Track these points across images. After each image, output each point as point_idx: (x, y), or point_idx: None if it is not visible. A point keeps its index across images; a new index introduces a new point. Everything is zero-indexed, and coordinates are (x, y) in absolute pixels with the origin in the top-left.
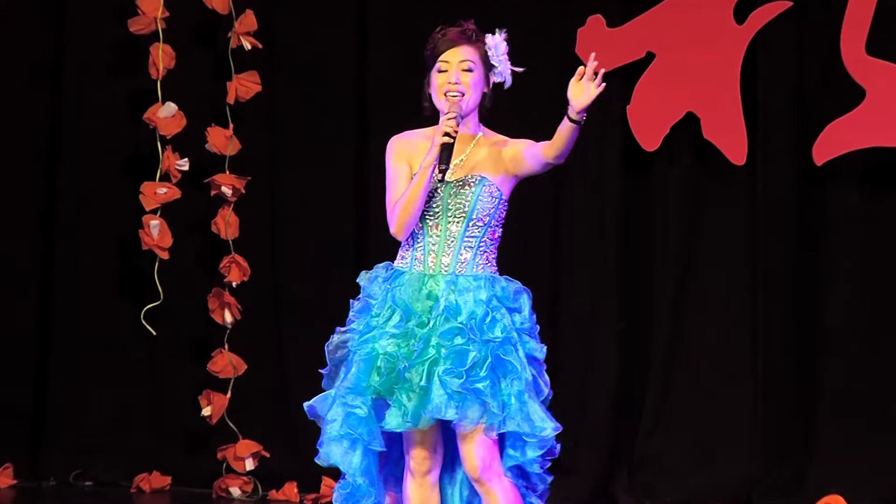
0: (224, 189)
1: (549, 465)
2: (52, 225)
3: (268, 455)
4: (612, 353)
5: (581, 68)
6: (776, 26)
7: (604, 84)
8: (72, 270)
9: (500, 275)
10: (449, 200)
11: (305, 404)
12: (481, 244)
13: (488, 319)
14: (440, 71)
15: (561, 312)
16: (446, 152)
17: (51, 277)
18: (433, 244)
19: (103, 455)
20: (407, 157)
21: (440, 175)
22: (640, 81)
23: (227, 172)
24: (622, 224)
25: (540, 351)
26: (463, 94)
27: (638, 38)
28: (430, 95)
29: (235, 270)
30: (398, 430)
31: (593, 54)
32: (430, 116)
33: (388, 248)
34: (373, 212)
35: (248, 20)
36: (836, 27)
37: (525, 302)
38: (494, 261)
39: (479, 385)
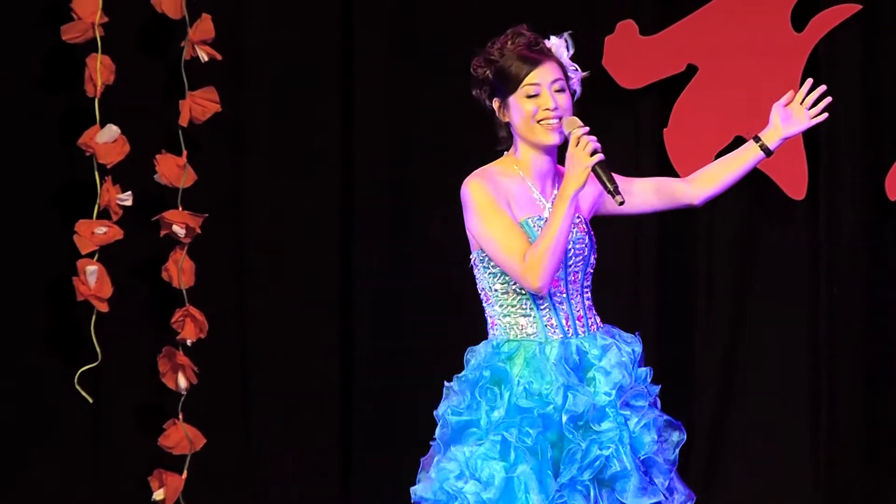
0: (176, 228)
1: None
2: None
3: None
4: None
5: (791, 93)
6: (842, 33)
7: (826, 115)
8: None
9: None
10: (569, 247)
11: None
12: (591, 293)
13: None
14: (529, 96)
15: None
16: (606, 173)
17: None
18: (560, 303)
19: None
20: (504, 201)
21: (621, 199)
22: (679, 99)
23: (180, 208)
24: (659, 268)
25: None
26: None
27: (677, 47)
28: (505, 124)
29: (190, 326)
30: None
31: (810, 80)
32: (502, 151)
33: (378, 298)
34: (359, 255)
35: (205, 27)
36: None
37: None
38: None
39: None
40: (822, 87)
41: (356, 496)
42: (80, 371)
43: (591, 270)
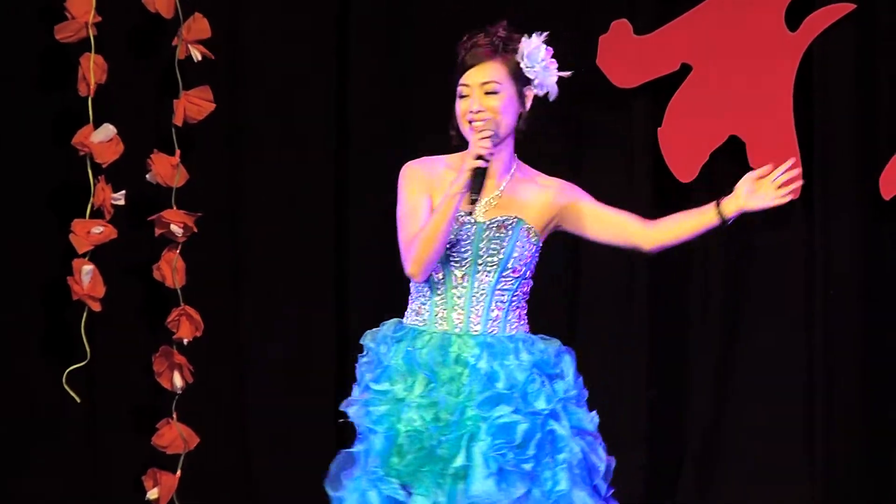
0: (174, 228)
1: None
2: None
3: None
4: (639, 428)
5: (769, 167)
6: (837, 33)
7: (791, 198)
8: None
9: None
10: (481, 246)
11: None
12: (514, 298)
13: (534, 387)
14: (461, 96)
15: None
16: (479, 178)
17: None
18: (459, 297)
19: None
20: (427, 188)
21: (470, 206)
22: (673, 99)
23: (174, 207)
24: (653, 271)
25: (590, 421)
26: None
27: (671, 47)
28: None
29: (186, 325)
30: None
31: (793, 160)
32: (457, 147)
33: (374, 298)
34: (355, 255)
35: (199, 25)
36: None
37: (568, 365)
38: (526, 318)
39: (526, 466)
40: (798, 171)
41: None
42: (67, 370)
43: (516, 276)
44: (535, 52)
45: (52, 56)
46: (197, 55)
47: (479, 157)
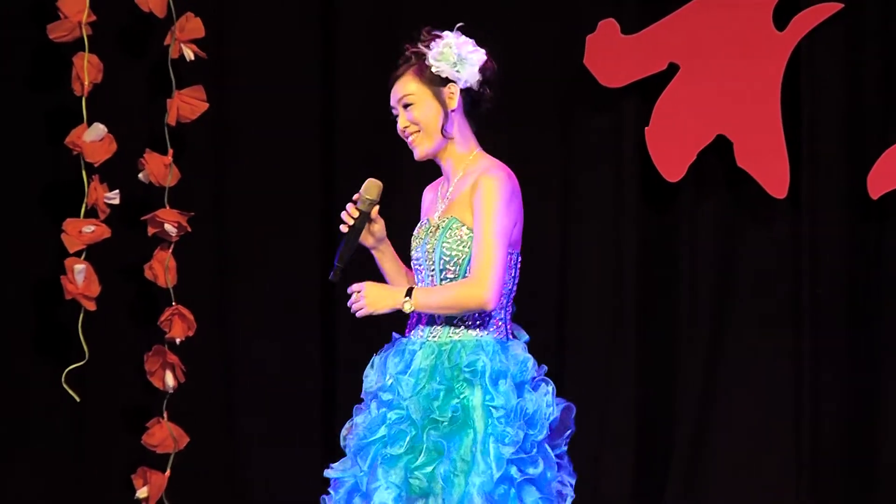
0: (168, 227)
1: None
2: None
3: None
4: (628, 424)
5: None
6: (824, 32)
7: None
8: None
9: (508, 336)
10: (424, 248)
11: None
12: None
13: (440, 396)
14: (395, 118)
15: (568, 373)
16: (347, 246)
17: None
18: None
19: None
20: (422, 217)
21: (331, 276)
22: (660, 98)
23: (167, 207)
24: (641, 269)
25: (511, 438)
26: (419, 132)
27: (659, 46)
28: None
29: (178, 324)
30: None
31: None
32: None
33: None
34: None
35: (193, 25)
36: None
37: (503, 374)
38: (492, 321)
39: (418, 474)
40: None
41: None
42: (67, 370)
43: (453, 276)
44: (444, 52)
45: (44, 55)
46: (190, 55)
47: (347, 222)
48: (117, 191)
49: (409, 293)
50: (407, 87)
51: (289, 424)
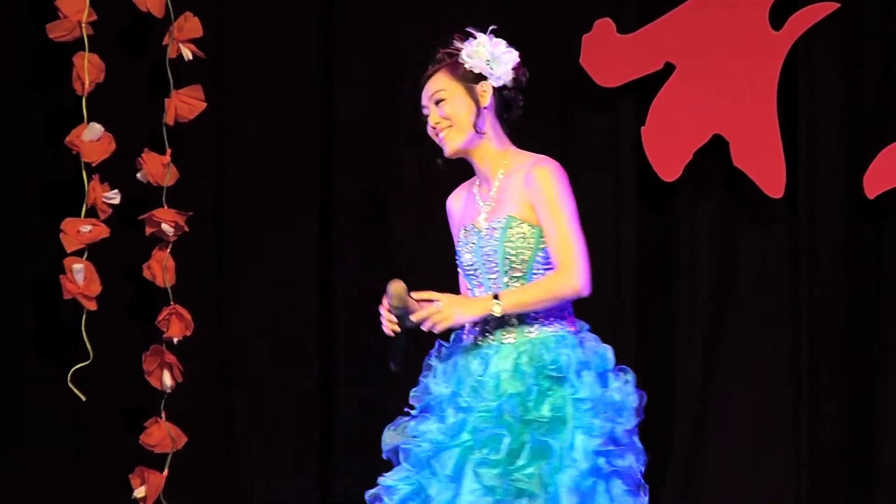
0: (165, 227)
1: None
2: None
3: None
4: None
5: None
6: (821, 32)
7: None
8: None
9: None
10: (481, 252)
11: None
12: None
13: (532, 397)
14: (424, 117)
15: None
16: (395, 345)
17: None
18: None
19: None
20: (457, 224)
21: (392, 368)
22: (657, 98)
23: (165, 206)
24: (638, 270)
25: (599, 430)
26: (450, 128)
27: (655, 46)
28: None
29: (176, 324)
30: None
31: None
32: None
33: (358, 298)
34: (340, 256)
35: (191, 25)
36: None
37: (586, 366)
38: (561, 314)
39: (520, 475)
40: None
41: (337, 495)
42: (72, 370)
43: (520, 274)
44: (480, 49)
45: (44, 55)
46: (188, 54)
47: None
48: (117, 190)
49: (496, 297)
50: (439, 83)
51: (287, 424)
